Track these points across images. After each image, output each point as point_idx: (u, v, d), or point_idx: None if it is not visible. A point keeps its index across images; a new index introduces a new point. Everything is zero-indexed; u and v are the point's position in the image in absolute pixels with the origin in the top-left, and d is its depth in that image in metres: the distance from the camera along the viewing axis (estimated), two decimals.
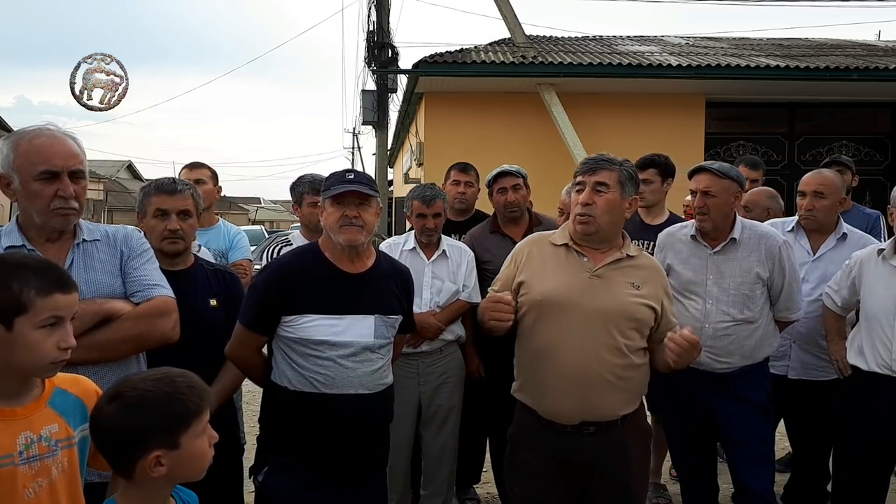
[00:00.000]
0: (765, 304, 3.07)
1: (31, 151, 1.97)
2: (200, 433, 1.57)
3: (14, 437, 1.53)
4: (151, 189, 2.66)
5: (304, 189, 3.63)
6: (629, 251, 2.48)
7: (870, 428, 3.03)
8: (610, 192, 2.40)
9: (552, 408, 2.41)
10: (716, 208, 3.03)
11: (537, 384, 2.45)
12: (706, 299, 3.03)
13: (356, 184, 2.41)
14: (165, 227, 2.57)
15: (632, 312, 2.39)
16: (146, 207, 2.63)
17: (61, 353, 1.54)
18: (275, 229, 32.41)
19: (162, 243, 2.56)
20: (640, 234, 3.66)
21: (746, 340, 3.04)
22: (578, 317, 2.37)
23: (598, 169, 2.42)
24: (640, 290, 2.42)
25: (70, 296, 1.57)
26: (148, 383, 1.56)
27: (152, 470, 1.52)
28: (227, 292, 2.66)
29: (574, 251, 2.46)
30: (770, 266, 3.03)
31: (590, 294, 2.39)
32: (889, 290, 2.98)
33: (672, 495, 4.05)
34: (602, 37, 14.07)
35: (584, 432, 2.39)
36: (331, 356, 2.37)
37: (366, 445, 2.47)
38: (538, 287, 2.44)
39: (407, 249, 3.54)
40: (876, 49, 13.03)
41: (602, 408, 2.37)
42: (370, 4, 12.80)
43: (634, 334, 2.39)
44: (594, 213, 2.40)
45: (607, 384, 2.35)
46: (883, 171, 11.93)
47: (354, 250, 2.44)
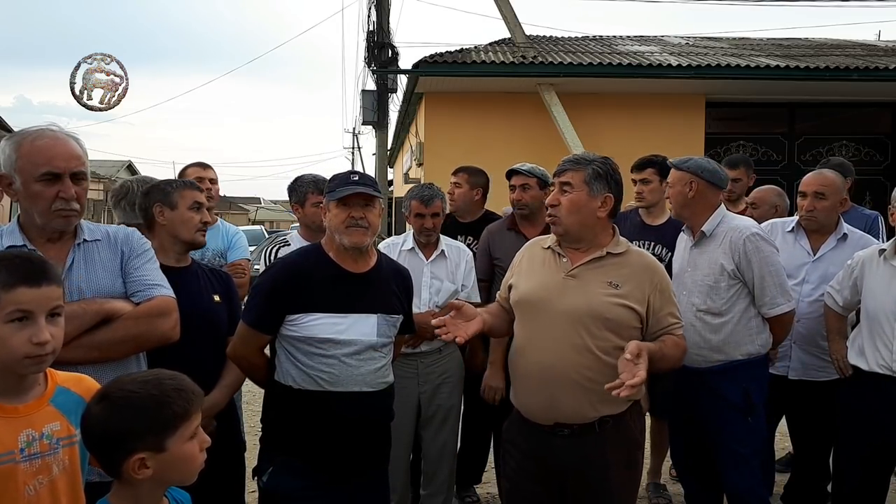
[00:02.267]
0: (736, 299, 3.03)
1: (33, 152, 1.98)
2: (188, 437, 1.55)
3: (16, 435, 1.54)
4: (181, 184, 2.76)
5: (307, 189, 3.62)
6: (614, 248, 2.45)
7: (870, 428, 3.03)
8: (574, 191, 2.42)
9: (526, 406, 2.46)
10: (673, 198, 3.21)
11: (515, 382, 2.52)
12: (682, 291, 3.06)
13: (362, 185, 2.43)
14: (200, 219, 2.67)
15: (602, 312, 2.35)
16: (177, 200, 2.66)
17: (35, 347, 1.51)
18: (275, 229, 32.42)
19: (196, 234, 2.67)
20: (640, 234, 3.67)
21: (713, 333, 3.04)
22: (548, 316, 2.39)
23: (565, 170, 2.46)
24: (618, 290, 2.38)
25: (39, 289, 1.52)
26: (136, 385, 1.55)
27: (137, 472, 1.51)
28: (225, 289, 2.72)
29: (557, 253, 2.49)
30: (736, 259, 3.01)
31: (561, 294, 2.40)
32: (890, 291, 2.98)
33: (672, 495, 4.06)
34: (602, 37, 14.07)
35: (559, 434, 2.39)
36: (335, 354, 2.40)
37: (369, 443, 2.49)
38: (518, 288, 2.52)
39: (405, 249, 3.54)
40: (876, 49, 13.03)
41: (570, 408, 2.36)
42: (370, 4, 12.81)
43: (608, 334, 2.35)
44: (559, 214, 2.44)
45: (574, 384, 2.34)
46: (883, 171, 11.92)
47: (359, 251, 2.46)
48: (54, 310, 1.57)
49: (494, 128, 10.83)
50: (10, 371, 1.54)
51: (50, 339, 1.53)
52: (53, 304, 1.56)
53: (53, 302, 1.56)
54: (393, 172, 19.91)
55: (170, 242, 2.63)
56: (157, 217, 2.64)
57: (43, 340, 1.52)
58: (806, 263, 3.48)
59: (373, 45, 12.50)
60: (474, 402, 3.65)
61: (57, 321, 1.58)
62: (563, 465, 2.40)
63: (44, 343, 1.52)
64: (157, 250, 2.46)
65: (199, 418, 1.59)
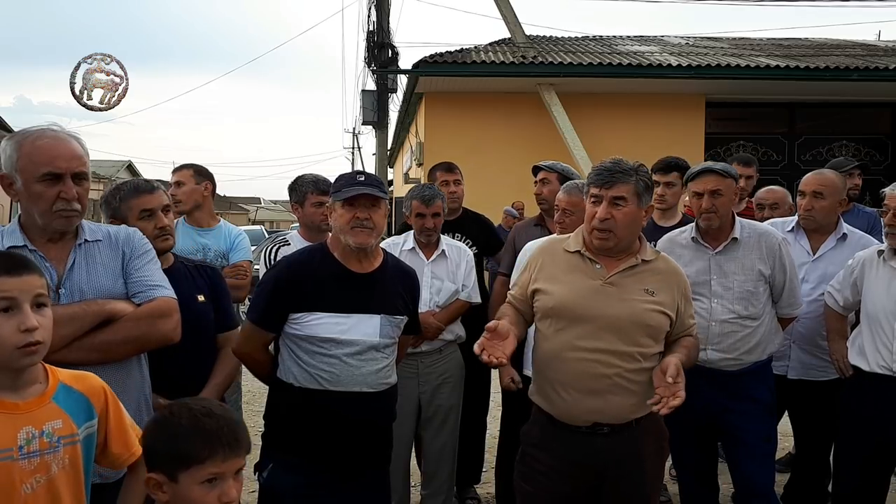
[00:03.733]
0: (767, 302, 3.08)
1: (34, 153, 1.97)
2: (202, 481, 1.54)
3: (15, 431, 1.53)
4: (127, 193, 2.57)
5: (308, 189, 3.62)
6: (645, 256, 2.45)
7: (870, 427, 3.03)
8: (628, 205, 2.35)
9: (565, 411, 2.42)
10: (723, 207, 3.07)
11: (551, 388, 2.45)
12: (711, 299, 3.04)
13: (368, 186, 2.44)
14: (155, 225, 2.52)
15: (645, 320, 2.37)
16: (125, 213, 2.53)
17: (24, 335, 1.52)
18: (275, 229, 32.40)
19: (155, 241, 2.45)
20: (652, 235, 3.65)
21: (751, 337, 3.05)
22: (591, 324, 2.36)
23: (615, 182, 2.35)
24: (654, 297, 2.39)
25: (20, 278, 1.53)
26: (184, 408, 1.61)
27: (153, 489, 1.56)
28: (212, 286, 2.62)
29: (587, 258, 2.45)
30: (771, 263, 3.05)
31: (602, 301, 2.38)
32: (889, 292, 2.98)
33: (672, 495, 4.06)
34: (602, 37, 14.09)
35: (598, 433, 2.39)
36: (336, 354, 2.40)
37: (368, 443, 2.49)
38: (551, 294, 2.44)
39: (406, 249, 3.54)
40: (876, 49, 13.04)
41: (615, 412, 2.38)
42: (370, 4, 12.82)
43: (648, 341, 2.38)
44: (613, 229, 2.36)
45: (620, 389, 2.35)
46: (883, 171, 11.92)
47: (364, 252, 2.47)
48: (39, 298, 1.57)
49: (494, 128, 10.84)
50: (4, 365, 1.54)
51: (38, 326, 1.54)
52: (37, 291, 1.57)
53: (36, 289, 1.57)
54: (393, 172, 19.92)
55: None
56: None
57: (31, 326, 1.52)
58: (805, 263, 3.48)
59: (373, 45, 12.50)
60: (473, 403, 3.65)
61: (44, 311, 1.58)
62: (601, 463, 2.40)
63: (32, 329, 1.52)
64: None
65: (230, 470, 1.57)
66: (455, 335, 3.58)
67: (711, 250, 3.09)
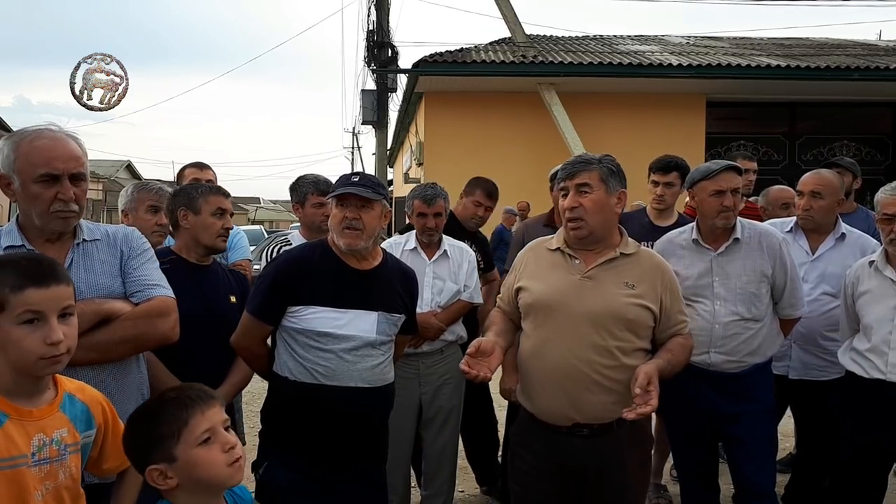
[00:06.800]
0: (769, 303, 3.07)
1: (31, 153, 1.96)
2: (195, 443, 1.55)
3: (29, 438, 1.54)
4: (207, 189, 2.82)
5: (308, 189, 3.62)
6: (625, 249, 2.46)
7: (869, 425, 3.03)
8: (594, 191, 2.40)
9: (544, 409, 2.43)
10: (737, 206, 3.04)
11: (530, 386, 2.47)
12: (714, 300, 3.03)
13: (358, 186, 2.44)
14: (223, 225, 2.75)
15: (622, 313, 2.36)
16: (201, 205, 2.72)
17: (49, 348, 1.52)
18: (274, 229, 32.41)
19: (216, 240, 2.73)
20: (649, 235, 3.64)
21: (754, 339, 3.04)
22: (567, 319, 2.37)
23: (577, 171, 2.42)
24: (634, 290, 2.39)
25: (48, 290, 1.52)
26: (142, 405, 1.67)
27: (160, 482, 1.55)
28: (242, 291, 2.78)
29: (567, 254, 2.47)
30: (773, 263, 3.03)
31: (579, 296, 2.39)
32: (883, 301, 2.99)
33: (672, 496, 4.05)
34: (602, 36, 14.09)
35: (577, 434, 2.38)
36: (332, 349, 2.41)
37: (363, 438, 2.49)
38: (531, 291, 2.48)
39: (408, 249, 3.53)
40: (876, 49, 13.04)
41: (591, 409, 2.36)
42: (370, 4, 12.82)
43: (628, 335, 2.37)
44: (583, 216, 2.40)
45: (596, 385, 2.34)
46: (883, 171, 11.93)
47: (355, 253, 2.48)
48: (65, 309, 1.57)
49: (494, 127, 10.84)
50: (27, 373, 1.54)
51: (63, 339, 1.54)
52: (64, 303, 1.56)
53: (64, 302, 1.56)
54: (393, 172, 19.92)
55: (192, 244, 2.71)
56: (181, 220, 2.72)
57: (56, 340, 1.52)
58: (805, 263, 3.47)
59: (372, 45, 12.50)
60: (477, 404, 3.64)
61: (69, 321, 1.58)
62: (581, 465, 2.39)
63: (57, 343, 1.52)
64: (182, 249, 2.71)
65: (209, 421, 1.57)
66: (456, 336, 3.57)
67: (713, 251, 3.06)
